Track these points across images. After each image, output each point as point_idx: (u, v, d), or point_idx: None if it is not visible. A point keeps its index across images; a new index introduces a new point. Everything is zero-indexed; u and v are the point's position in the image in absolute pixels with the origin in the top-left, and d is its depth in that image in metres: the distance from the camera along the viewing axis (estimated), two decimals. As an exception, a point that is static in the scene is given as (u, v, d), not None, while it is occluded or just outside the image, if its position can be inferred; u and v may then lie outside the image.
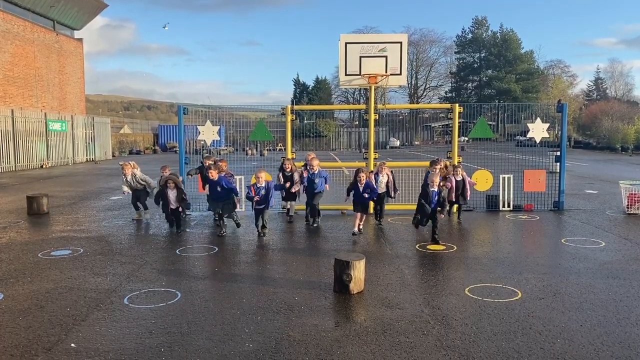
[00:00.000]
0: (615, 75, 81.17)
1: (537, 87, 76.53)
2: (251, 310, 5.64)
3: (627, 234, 9.67)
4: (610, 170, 24.18)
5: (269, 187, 9.30)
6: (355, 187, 9.52)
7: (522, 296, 6.03)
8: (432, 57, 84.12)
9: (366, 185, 9.47)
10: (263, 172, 9.25)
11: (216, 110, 14.28)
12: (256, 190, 9.12)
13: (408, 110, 63.45)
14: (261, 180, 9.18)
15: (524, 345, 4.67)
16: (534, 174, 12.35)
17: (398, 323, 5.23)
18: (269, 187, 9.27)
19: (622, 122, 48.32)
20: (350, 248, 8.59)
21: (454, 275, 6.99)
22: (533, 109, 18.53)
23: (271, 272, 7.12)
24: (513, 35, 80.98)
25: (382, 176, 10.41)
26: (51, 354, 4.54)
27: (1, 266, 7.51)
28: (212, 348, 4.65)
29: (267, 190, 9.24)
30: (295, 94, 70.64)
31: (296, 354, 4.51)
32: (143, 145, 50.40)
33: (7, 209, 13.10)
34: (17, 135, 27.58)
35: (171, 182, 9.61)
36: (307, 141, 39.13)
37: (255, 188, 9.15)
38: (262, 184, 9.18)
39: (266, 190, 9.21)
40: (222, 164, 10.31)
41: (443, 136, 54.63)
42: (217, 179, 9.33)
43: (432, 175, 9.08)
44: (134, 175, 11.14)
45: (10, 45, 30.05)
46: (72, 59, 38.21)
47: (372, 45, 11.60)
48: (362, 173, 9.49)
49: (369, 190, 9.52)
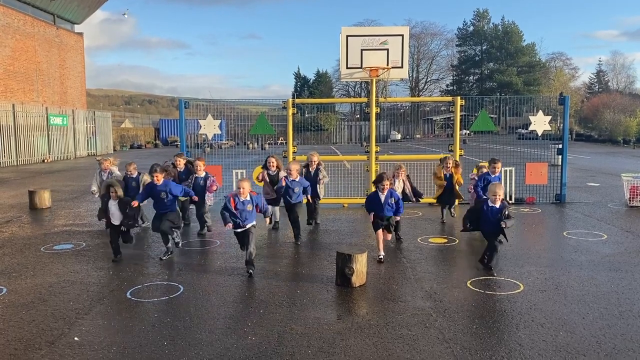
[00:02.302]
0: (617, 67, 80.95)
1: (538, 79, 76.26)
2: (253, 303, 5.65)
3: (629, 226, 9.66)
4: (612, 163, 24.12)
5: (255, 202, 6.79)
6: (376, 198, 7.33)
7: (524, 289, 6.03)
8: (434, 50, 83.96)
9: (390, 195, 7.30)
10: (246, 182, 6.78)
11: (217, 104, 14.27)
12: (237, 204, 6.67)
13: (409, 104, 63.13)
14: (244, 192, 6.66)
15: (526, 338, 4.68)
16: (536, 166, 12.33)
17: (400, 316, 5.24)
18: (254, 203, 6.78)
19: (624, 114, 48.18)
20: (352, 241, 8.59)
21: (456, 268, 7.00)
22: (535, 102, 18.49)
23: (273, 265, 7.13)
24: (515, 28, 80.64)
25: (399, 181, 8.79)
26: (54, 348, 4.56)
27: (4, 260, 7.53)
28: (215, 341, 4.67)
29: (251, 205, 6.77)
30: (296, 87, 70.55)
31: (299, 347, 4.52)
32: (144, 140, 50.40)
33: (9, 204, 13.12)
34: (18, 129, 27.59)
35: (113, 190, 7.23)
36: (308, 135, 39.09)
37: (236, 202, 6.69)
38: (245, 196, 6.68)
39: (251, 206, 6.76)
40: (199, 162, 9.01)
41: (444, 129, 54.51)
42: (162, 184, 7.43)
43: (494, 186, 6.70)
44: (112, 173, 9.47)
45: (10, 40, 29.99)
46: (73, 53, 38.16)
47: (374, 38, 11.55)
48: (386, 181, 7.24)
49: (395, 201, 7.30)
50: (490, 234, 6.62)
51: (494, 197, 6.51)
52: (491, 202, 6.57)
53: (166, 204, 7.45)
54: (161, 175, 7.46)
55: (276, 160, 9.01)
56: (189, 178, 9.02)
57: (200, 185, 8.86)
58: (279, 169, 9.00)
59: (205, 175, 8.97)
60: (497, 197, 6.51)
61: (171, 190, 7.44)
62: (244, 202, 6.69)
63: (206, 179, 8.93)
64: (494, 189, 6.57)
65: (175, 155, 9.67)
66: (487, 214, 6.56)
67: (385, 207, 7.18)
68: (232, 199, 6.69)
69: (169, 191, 7.40)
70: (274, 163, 8.96)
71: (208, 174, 9.04)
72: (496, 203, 6.51)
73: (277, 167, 8.99)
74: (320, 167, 9.36)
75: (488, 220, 6.56)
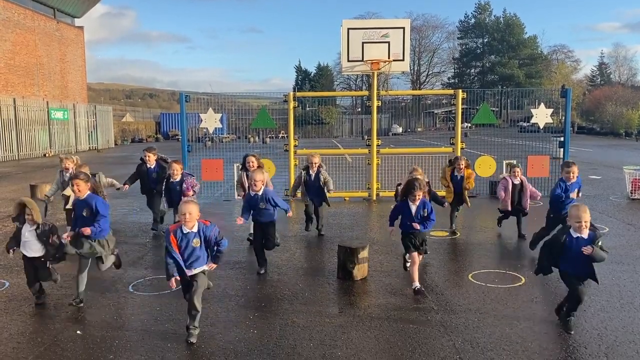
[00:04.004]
0: (619, 60, 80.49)
1: (540, 72, 75.96)
2: (255, 296, 5.67)
3: (631, 219, 9.65)
4: (614, 156, 24.07)
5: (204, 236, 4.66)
6: (405, 210, 5.80)
7: (526, 282, 6.03)
8: (435, 42, 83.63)
9: (423, 206, 5.76)
10: (192, 206, 4.60)
11: (218, 97, 14.25)
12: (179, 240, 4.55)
13: (411, 97, 63.21)
14: (190, 220, 4.53)
15: (527, 331, 4.68)
16: (538, 160, 12.30)
17: (402, 309, 5.25)
18: (202, 237, 4.63)
19: (626, 107, 48.01)
20: (354, 235, 8.59)
21: (457, 261, 7.00)
22: (536, 95, 18.44)
23: (274, 259, 7.13)
24: (516, 20, 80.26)
25: None
26: (57, 341, 4.58)
27: (6, 254, 7.53)
28: (217, 334, 4.68)
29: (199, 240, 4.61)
30: (297, 81, 70.38)
31: (300, 340, 4.54)
32: (145, 134, 50.38)
33: (11, 197, 13.14)
34: (19, 124, 27.60)
35: (29, 212, 5.22)
36: (309, 128, 39.02)
37: (178, 237, 4.55)
38: (192, 226, 4.57)
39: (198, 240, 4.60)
40: (175, 165, 7.82)
41: (446, 122, 54.43)
42: (86, 197, 5.34)
43: (577, 210, 4.69)
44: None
45: (11, 34, 29.92)
46: (73, 47, 38.06)
47: (375, 31, 11.50)
48: (419, 191, 5.70)
49: (427, 213, 5.76)
50: (573, 276, 4.70)
51: (578, 225, 4.59)
52: (575, 231, 4.65)
53: (86, 223, 5.25)
54: (84, 185, 5.34)
55: (256, 159, 7.61)
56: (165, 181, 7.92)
57: (177, 191, 7.77)
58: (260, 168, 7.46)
59: (181, 179, 7.82)
60: (583, 225, 4.58)
61: (97, 208, 5.30)
62: (189, 236, 4.54)
63: (182, 184, 7.79)
64: (577, 213, 4.61)
65: (145, 149, 8.71)
66: (571, 249, 4.64)
67: (414, 219, 5.73)
68: (173, 235, 4.53)
69: (94, 208, 5.30)
70: (253, 162, 7.53)
71: (184, 175, 7.89)
72: (582, 232, 4.62)
73: (259, 167, 7.47)
74: (322, 169, 8.27)
75: (572, 257, 4.64)
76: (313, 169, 8.23)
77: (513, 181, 8.12)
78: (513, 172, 8.24)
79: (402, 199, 5.90)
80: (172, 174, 7.87)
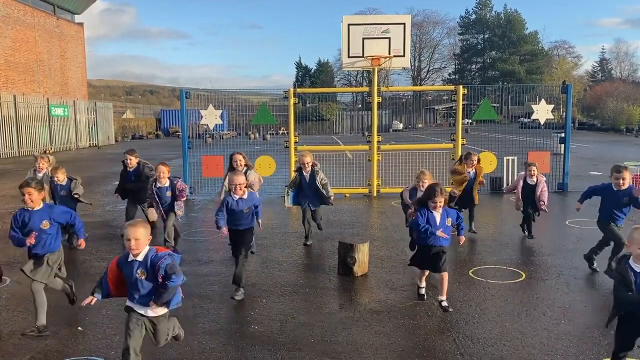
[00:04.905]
0: (620, 55, 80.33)
1: (541, 68, 75.82)
2: (256, 292, 5.67)
3: (631, 215, 9.62)
4: (614, 152, 24.04)
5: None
6: (430, 220, 5.04)
7: (526, 278, 6.04)
8: (436, 38, 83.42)
9: (446, 214, 5.12)
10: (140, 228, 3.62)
11: (218, 94, 14.22)
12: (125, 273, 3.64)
13: (411, 93, 63.12)
14: (138, 246, 3.56)
15: (528, 326, 4.69)
16: (538, 155, 12.28)
17: (402, 305, 5.25)
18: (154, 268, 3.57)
19: (627, 103, 47.93)
20: (354, 231, 8.60)
21: (458, 257, 6.99)
22: (537, 91, 18.40)
23: (275, 255, 7.14)
24: (517, 16, 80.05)
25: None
26: (58, 338, 4.59)
27: (7, 251, 7.56)
28: (218, 330, 4.69)
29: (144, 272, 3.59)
30: (298, 77, 70.19)
31: (301, 336, 4.54)
32: (145, 130, 50.37)
33: (11, 194, 13.14)
34: (19, 120, 27.59)
35: None
36: (309, 125, 38.98)
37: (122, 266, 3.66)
38: (138, 252, 3.58)
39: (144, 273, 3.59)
40: (162, 167, 6.99)
41: (446, 119, 54.35)
42: (42, 208, 4.82)
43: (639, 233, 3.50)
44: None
45: (10, 30, 29.88)
46: (73, 44, 38.00)
47: (375, 27, 11.48)
48: (440, 196, 4.99)
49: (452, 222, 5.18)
50: None
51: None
52: (636, 261, 3.46)
53: (44, 240, 4.71)
54: (37, 194, 4.81)
55: (244, 158, 7.16)
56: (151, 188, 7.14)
57: (166, 196, 7.02)
58: (248, 168, 7.15)
59: (170, 183, 7.06)
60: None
61: (54, 218, 4.80)
62: (134, 265, 3.58)
63: (172, 188, 7.03)
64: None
65: (126, 151, 8.14)
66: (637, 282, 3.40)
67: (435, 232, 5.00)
68: (116, 266, 3.68)
69: (51, 220, 4.78)
70: (241, 161, 7.10)
71: (172, 179, 7.13)
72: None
73: (246, 166, 7.13)
74: (316, 168, 7.63)
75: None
76: (306, 170, 7.56)
77: (528, 181, 7.62)
78: (528, 170, 7.67)
79: (420, 206, 5.15)
80: (158, 177, 7.02)
